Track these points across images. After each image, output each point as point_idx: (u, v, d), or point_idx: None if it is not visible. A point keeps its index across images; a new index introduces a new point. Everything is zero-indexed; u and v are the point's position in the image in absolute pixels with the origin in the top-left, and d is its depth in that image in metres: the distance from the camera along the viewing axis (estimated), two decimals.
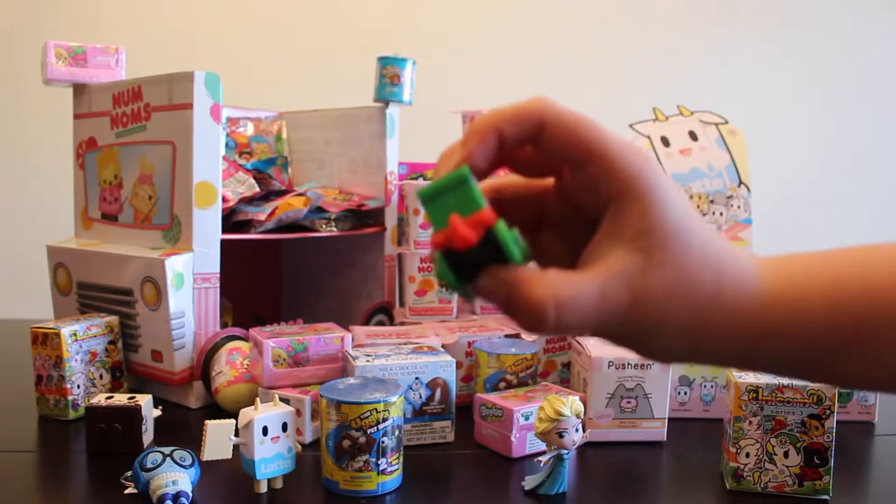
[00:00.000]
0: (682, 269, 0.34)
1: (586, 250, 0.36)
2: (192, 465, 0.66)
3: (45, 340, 0.86)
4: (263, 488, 0.67)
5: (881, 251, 0.38)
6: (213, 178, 0.92)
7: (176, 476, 0.64)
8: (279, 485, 0.68)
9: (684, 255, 0.34)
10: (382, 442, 0.67)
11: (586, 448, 0.79)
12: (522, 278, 0.33)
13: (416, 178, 1.17)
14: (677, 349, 0.37)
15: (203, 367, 0.91)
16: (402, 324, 1.05)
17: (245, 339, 0.94)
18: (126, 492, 0.67)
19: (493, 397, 0.80)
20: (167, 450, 0.66)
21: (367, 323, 1.14)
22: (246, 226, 1.01)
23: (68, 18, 1.97)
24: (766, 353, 0.37)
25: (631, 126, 1.37)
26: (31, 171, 1.99)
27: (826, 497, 0.68)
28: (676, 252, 0.34)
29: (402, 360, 0.80)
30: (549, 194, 0.39)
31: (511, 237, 0.33)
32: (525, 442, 0.77)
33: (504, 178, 0.40)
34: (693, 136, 1.36)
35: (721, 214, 1.34)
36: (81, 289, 1.00)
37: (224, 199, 0.97)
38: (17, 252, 1.92)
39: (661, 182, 0.34)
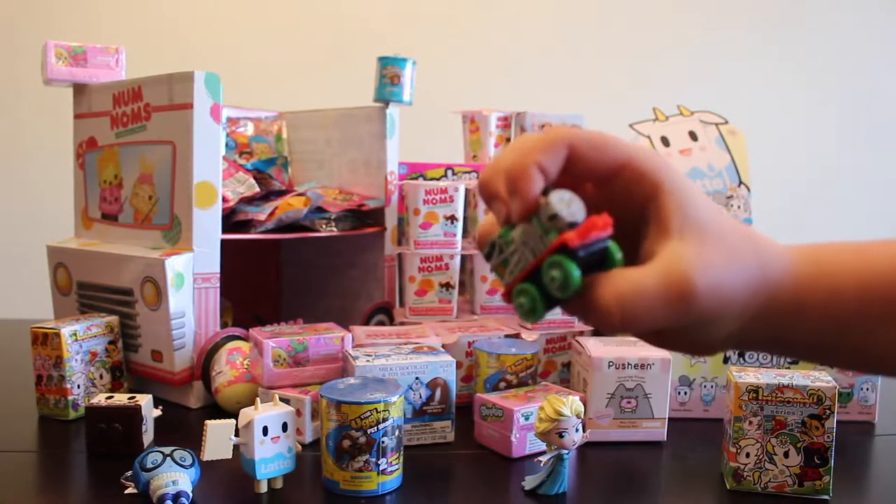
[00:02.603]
0: (729, 250, 0.36)
1: (642, 253, 0.38)
2: (192, 465, 0.66)
3: (45, 340, 0.86)
4: (263, 488, 0.67)
5: None
6: (213, 178, 0.92)
7: (176, 476, 0.64)
8: (279, 485, 0.68)
9: (726, 238, 0.37)
10: (382, 442, 0.67)
11: (586, 448, 0.79)
12: (593, 283, 0.35)
13: (416, 178, 1.17)
14: (726, 335, 0.38)
15: (203, 367, 0.91)
16: (402, 324, 1.05)
17: (245, 339, 0.94)
18: (126, 492, 0.67)
19: (493, 397, 0.80)
20: (167, 450, 0.66)
21: (367, 323, 1.14)
22: (246, 226, 1.01)
23: (68, 18, 1.97)
24: (801, 332, 0.40)
25: (631, 126, 1.37)
26: (31, 171, 1.99)
27: (826, 497, 0.68)
28: (719, 235, 0.36)
29: (403, 360, 0.80)
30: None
31: (617, 245, 0.35)
32: (525, 442, 0.77)
33: None
34: (693, 136, 1.36)
35: None
36: (81, 289, 1.00)
37: (224, 199, 0.97)
38: (17, 252, 1.92)
39: (684, 179, 0.37)
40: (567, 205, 0.35)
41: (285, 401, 0.72)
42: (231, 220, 1.01)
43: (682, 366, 0.89)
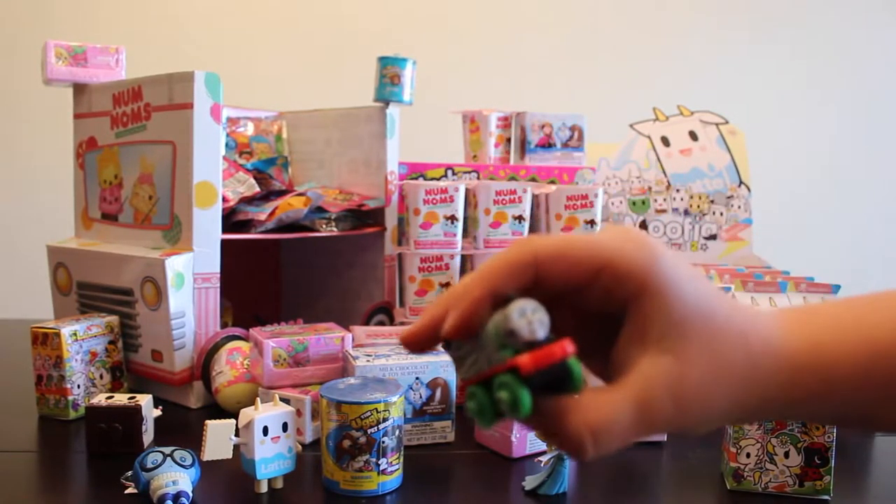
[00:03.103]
0: (714, 356, 0.34)
1: (615, 355, 0.36)
2: (192, 465, 0.66)
3: (45, 340, 0.86)
4: (264, 488, 0.67)
5: None
6: (213, 177, 0.92)
7: (176, 476, 0.64)
8: (279, 485, 0.68)
9: (712, 341, 0.34)
10: (383, 442, 0.67)
11: None
12: (559, 409, 0.33)
13: (416, 178, 1.17)
14: (719, 425, 0.37)
15: (203, 367, 0.91)
16: (402, 324, 1.05)
17: (245, 339, 0.93)
18: (126, 492, 0.67)
19: None
20: (167, 450, 0.66)
21: (367, 323, 1.13)
22: (246, 226, 1.01)
23: (68, 18, 1.97)
24: (804, 414, 0.39)
25: (631, 126, 1.37)
26: (31, 171, 1.99)
27: (827, 497, 0.68)
28: (704, 341, 0.34)
29: (403, 360, 0.80)
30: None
31: (579, 368, 0.33)
32: (525, 442, 0.77)
33: None
34: (693, 136, 1.36)
35: (721, 214, 1.34)
36: (81, 289, 1.00)
37: (224, 199, 0.97)
38: (17, 252, 1.92)
39: (672, 271, 0.34)
40: (528, 322, 0.32)
41: (285, 401, 0.72)
42: (231, 220, 1.01)
43: None
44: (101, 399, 0.77)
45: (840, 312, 0.39)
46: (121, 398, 0.77)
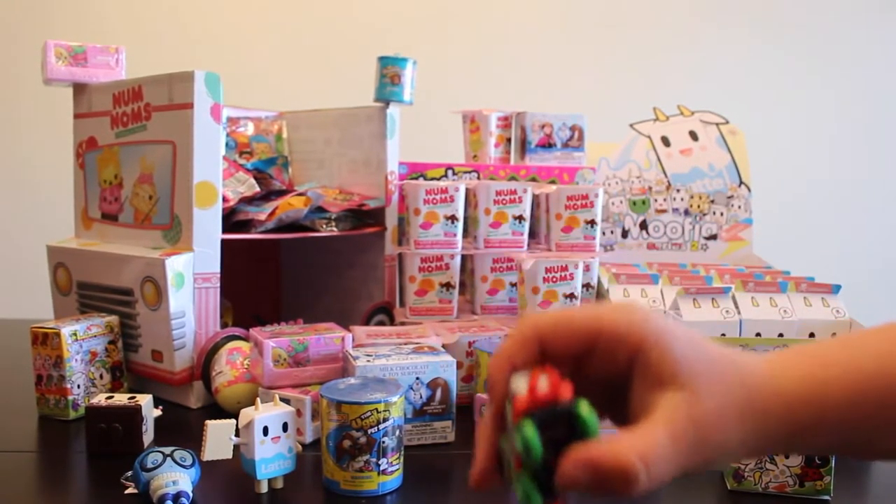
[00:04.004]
0: (721, 389, 0.37)
1: (633, 407, 0.38)
2: (192, 466, 0.66)
3: (45, 340, 0.86)
4: (264, 488, 0.67)
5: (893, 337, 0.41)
6: (213, 177, 0.92)
7: (176, 476, 0.64)
8: (279, 485, 0.68)
9: (716, 377, 0.37)
10: (383, 442, 0.67)
11: None
12: (602, 449, 0.34)
13: (416, 178, 1.17)
14: (740, 457, 0.41)
15: (203, 367, 0.91)
16: (402, 324, 1.05)
17: (245, 339, 0.93)
18: (126, 492, 0.67)
19: None
20: (167, 450, 0.66)
21: (367, 323, 1.13)
22: (246, 226, 1.01)
23: (68, 18, 1.97)
24: (804, 446, 0.41)
25: (631, 126, 1.37)
26: (31, 171, 1.99)
27: (827, 497, 0.68)
28: (707, 376, 0.37)
29: (403, 360, 0.80)
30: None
31: (590, 411, 0.34)
32: None
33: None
34: (694, 135, 1.36)
35: (721, 214, 1.34)
36: (81, 289, 1.00)
37: (224, 199, 0.97)
38: (17, 252, 1.92)
39: (663, 325, 0.38)
40: (525, 379, 0.35)
41: (286, 401, 0.72)
42: (231, 220, 1.01)
43: None
44: (101, 399, 0.77)
45: (828, 348, 0.42)
46: (121, 398, 0.77)
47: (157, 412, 0.81)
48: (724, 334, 0.91)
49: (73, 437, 0.82)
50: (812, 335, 0.94)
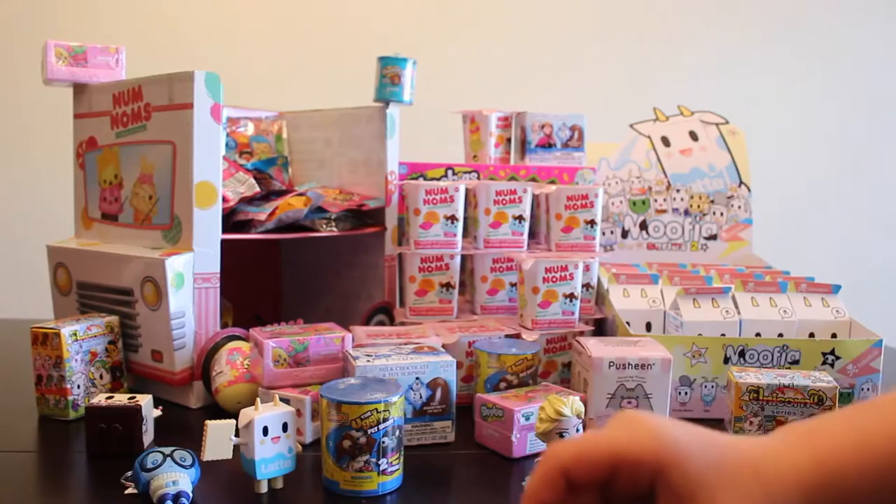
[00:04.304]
0: (735, 493, 0.40)
1: None
2: (192, 466, 0.66)
3: (45, 340, 0.86)
4: (264, 488, 0.67)
5: None
6: (213, 177, 0.92)
7: (176, 476, 0.64)
8: (279, 485, 0.68)
9: (725, 484, 0.40)
10: (383, 442, 0.67)
11: None
12: None
13: (416, 178, 1.17)
14: None
15: (203, 367, 0.91)
16: (402, 324, 1.05)
17: (245, 339, 0.93)
18: (126, 492, 0.67)
19: (493, 397, 0.80)
20: (167, 450, 0.66)
21: (367, 323, 1.13)
22: (246, 226, 1.01)
23: (68, 18, 1.97)
24: None
25: (631, 126, 1.37)
26: (31, 171, 1.99)
27: None
28: (723, 488, 0.40)
29: (403, 360, 0.80)
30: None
31: None
32: (526, 442, 0.77)
33: None
34: (694, 136, 1.36)
35: (721, 214, 1.34)
36: (81, 289, 1.00)
37: (224, 199, 0.97)
38: (17, 252, 1.92)
39: (676, 444, 0.40)
40: None
41: (285, 401, 0.72)
42: (231, 220, 1.01)
43: (682, 366, 0.89)
44: (101, 399, 0.77)
45: (837, 425, 0.44)
46: (121, 398, 0.77)
47: (157, 412, 0.81)
48: (724, 334, 0.91)
49: (73, 437, 0.82)
50: (812, 335, 0.94)
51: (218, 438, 0.64)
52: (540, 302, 0.96)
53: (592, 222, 1.07)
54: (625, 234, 1.33)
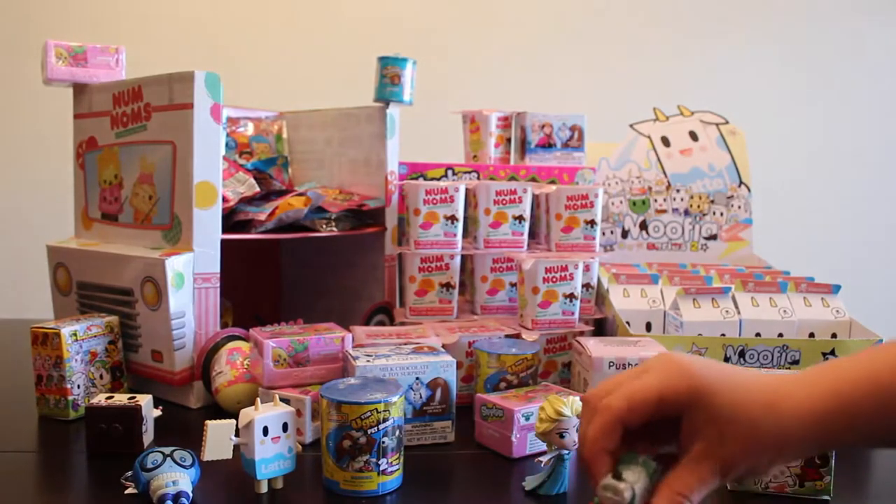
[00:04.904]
0: (751, 434, 0.46)
1: (682, 445, 0.48)
2: (192, 466, 0.66)
3: (45, 340, 0.86)
4: (264, 488, 0.67)
5: None
6: (213, 177, 0.92)
7: (176, 476, 0.64)
8: (279, 485, 0.68)
9: (747, 422, 0.46)
10: (383, 442, 0.67)
11: None
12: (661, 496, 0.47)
13: (416, 178, 1.17)
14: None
15: (203, 367, 0.91)
16: (402, 324, 1.05)
17: (245, 339, 0.93)
18: (126, 492, 0.67)
19: (493, 397, 0.80)
20: (167, 450, 0.66)
21: (367, 323, 1.13)
22: (246, 226, 1.01)
23: (68, 18, 1.97)
24: (839, 445, 0.51)
25: (631, 126, 1.37)
26: (31, 171, 1.99)
27: (827, 497, 0.68)
28: (744, 426, 0.46)
29: (403, 360, 0.80)
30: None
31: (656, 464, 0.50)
32: (526, 442, 0.77)
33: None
34: (693, 136, 1.36)
35: (721, 214, 1.34)
36: (81, 289, 1.00)
37: (224, 199, 0.97)
38: (17, 252, 1.92)
39: (707, 384, 0.47)
40: (613, 491, 0.47)
41: (285, 401, 0.72)
42: (231, 220, 1.01)
43: None
44: (101, 399, 0.77)
45: (851, 362, 0.49)
46: (121, 398, 0.77)
47: (157, 412, 0.81)
48: (723, 334, 0.91)
49: (73, 437, 0.82)
50: (812, 335, 0.94)
51: (218, 438, 0.64)
52: (540, 302, 0.96)
53: (592, 222, 1.07)
54: (625, 234, 1.33)
